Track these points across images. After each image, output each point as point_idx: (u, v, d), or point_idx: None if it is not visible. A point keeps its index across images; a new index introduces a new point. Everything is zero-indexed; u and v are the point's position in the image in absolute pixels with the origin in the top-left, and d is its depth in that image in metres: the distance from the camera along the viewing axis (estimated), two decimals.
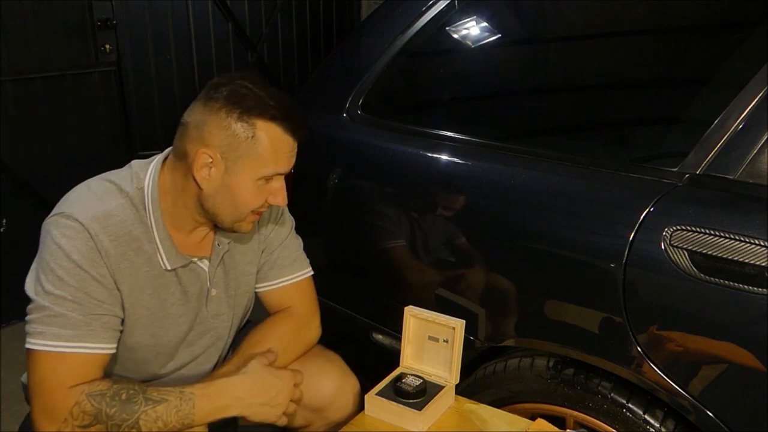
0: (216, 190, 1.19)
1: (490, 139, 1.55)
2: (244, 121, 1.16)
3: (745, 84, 1.22)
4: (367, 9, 4.19)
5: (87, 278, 1.14)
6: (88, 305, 1.15)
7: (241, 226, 1.25)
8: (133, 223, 1.20)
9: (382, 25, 1.81)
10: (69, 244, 1.14)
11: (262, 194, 1.22)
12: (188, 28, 3.29)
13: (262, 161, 1.18)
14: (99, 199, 1.19)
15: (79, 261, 1.13)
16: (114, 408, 1.13)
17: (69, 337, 1.13)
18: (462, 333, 1.36)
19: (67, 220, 1.15)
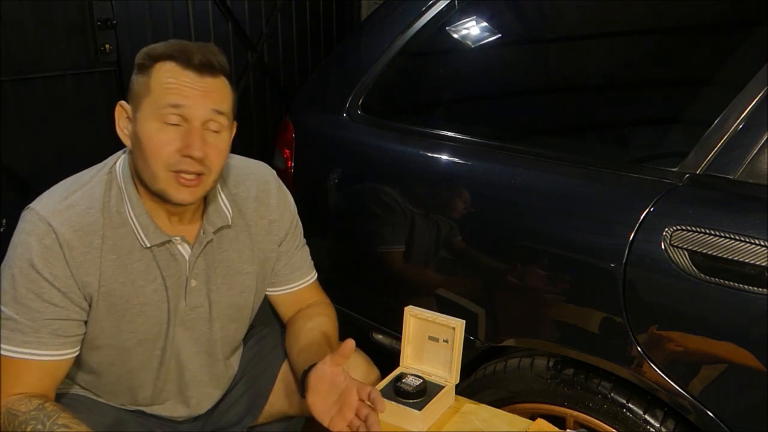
0: (133, 144, 1.15)
1: (490, 139, 1.55)
2: (145, 65, 1.15)
3: (745, 84, 1.22)
4: (367, 9, 4.19)
5: (39, 279, 1.11)
6: (39, 309, 1.11)
7: (166, 189, 1.13)
8: (102, 208, 1.16)
9: (382, 25, 1.81)
10: (27, 241, 1.12)
11: (169, 140, 1.11)
12: (188, 28, 3.28)
13: (156, 95, 1.12)
14: (65, 191, 1.18)
15: (33, 261, 1.11)
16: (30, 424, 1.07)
17: (17, 342, 1.11)
18: (462, 333, 1.36)
19: (29, 215, 1.15)
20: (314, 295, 1.48)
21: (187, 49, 1.12)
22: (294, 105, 1.96)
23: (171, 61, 1.12)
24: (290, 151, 1.82)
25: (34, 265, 1.11)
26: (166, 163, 1.11)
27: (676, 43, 1.54)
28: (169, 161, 1.11)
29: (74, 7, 2.84)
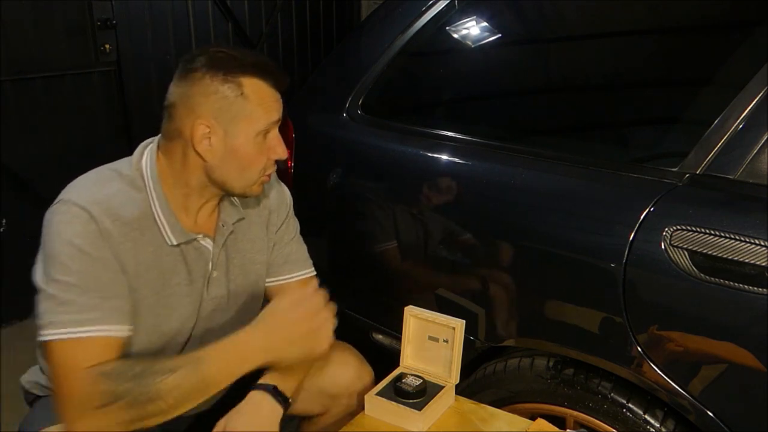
0: (221, 158, 1.20)
1: (490, 139, 1.55)
2: (230, 81, 1.17)
3: (745, 84, 1.22)
4: (367, 9, 4.20)
5: (91, 262, 1.13)
6: (96, 289, 1.13)
7: (252, 189, 1.25)
8: (135, 204, 1.19)
9: (382, 25, 1.81)
10: (70, 229, 1.12)
11: (263, 151, 1.23)
12: (188, 28, 3.29)
13: (256, 116, 1.19)
14: (98, 184, 1.19)
15: (81, 245, 1.12)
16: (128, 383, 1.09)
17: (80, 322, 1.12)
18: (462, 333, 1.36)
19: (66, 206, 1.14)
20: None
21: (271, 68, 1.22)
22: (294, 105, 1.96)
23: (260, 78, 1.20)
24: (290, 151, 1.82)
25: (83, 249, 1.12)
26: (264, 169, 1.24)
27: (676, 43, 1.54)
28: (266, 166, 1.24)
29: (74, 7, 2.84)
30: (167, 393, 1.09)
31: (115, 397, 1.08)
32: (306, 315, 1.16)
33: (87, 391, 1.09)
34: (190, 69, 1.18)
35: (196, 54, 1.20)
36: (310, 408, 1.45)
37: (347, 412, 1.43)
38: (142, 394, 1.08)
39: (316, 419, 1.47)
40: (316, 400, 1.43)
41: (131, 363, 1.12)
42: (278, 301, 1.18)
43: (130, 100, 3.09)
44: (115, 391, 1.08)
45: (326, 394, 1.42)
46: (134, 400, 1.08)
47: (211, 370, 1.11)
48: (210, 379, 1.12)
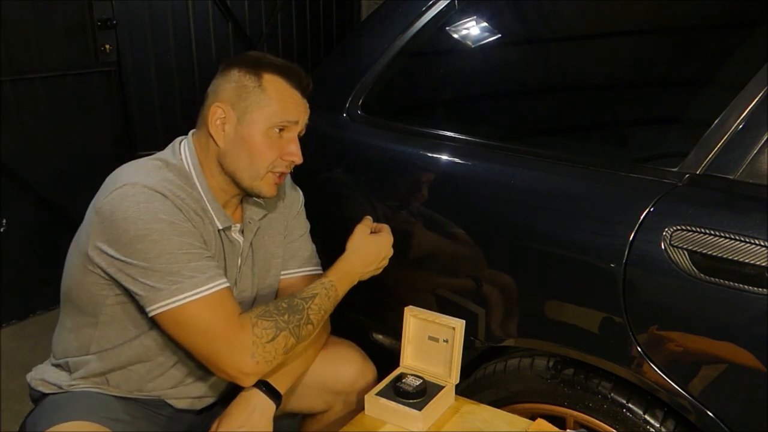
0: (231, 143, 1.26)
1: (490, 139, 1.55)
2: (251, 72, 1.26)
3: (745, 84, 1.22)
4: (367, 9, 4.20)
5: (182, 232, 1.18)
6: (197, 253, 1.19)
7: (261, 186, 1.29)
8: (186, 189, 1.25)
9: (382, 25, 1.81)
10: (151, 207, 1.16)
11: (275, 147, 1.27)
12: (188, 28, 3.29)
13: (271, 109, 1.26)
14: (152, 171, 1.23)
15: (168, 219, 1.17)
16: (285, 314, 1.23)
17: (204, 281, 1.18)
18: (462, 333, 1.36)
19: (137, 188, 1.17)
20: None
21: (294, 70, 1.30)
22: None
23: (281, 77, 1.28)
24: None
25: (173, 223, 1.18)
26: (271, 165, 1.28)
27: (676, 43, 1.54)
28: (274, 163, 1.28)
29: (74, 7, 2.84)
30: (314, 314, 1.28)
31: (279, 329, 1.22)
32: (379, 243, 1.40)
33: (253, 333, 1.19)
34: (225, 67, 1.29)
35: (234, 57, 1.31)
36: (313, 405, 1.46)
37: (350, 409, 1.44)
38: (299, 320, 1.25)
39: (320, 416, 1.48)
40: (319, 397, 1.44)
41: (275, 302, 1.26)
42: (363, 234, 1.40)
43: (130, 100, 3.09)
44: (277, 324, 1.22)
45: (330, 390, 1.44)
46: (295, 327, 1.24)
47: (337, 291, 1.33)
48: (338, 296, 1.34)
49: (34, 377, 1.36)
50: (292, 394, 1.43)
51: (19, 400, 2.17)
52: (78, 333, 1.31)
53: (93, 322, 1.28)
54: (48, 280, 2.83)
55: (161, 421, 1.36)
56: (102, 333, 1.28)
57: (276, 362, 1.23)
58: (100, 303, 1.25)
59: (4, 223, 2.76)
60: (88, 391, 1.30)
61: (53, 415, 1.24)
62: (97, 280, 1.23)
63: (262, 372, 1.22)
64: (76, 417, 1.22)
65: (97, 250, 1.19)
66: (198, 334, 1.18)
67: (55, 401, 1.29)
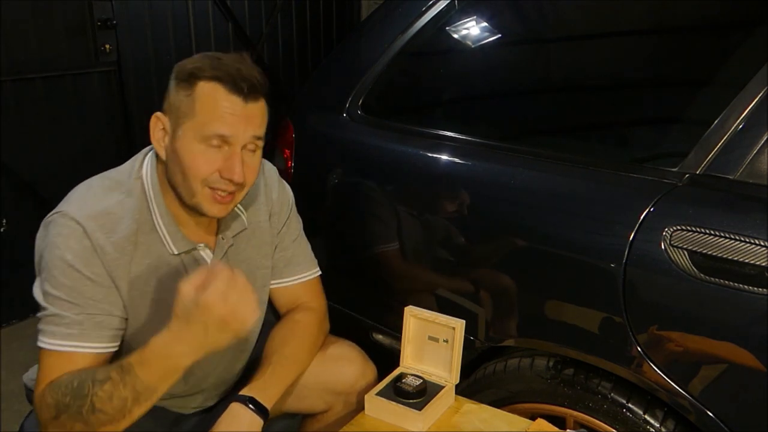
0: (169, 157, 1.18)
1: (490, 139, 1.55)
2: (185, 80, 1.15)
3: (745, 84, 1.22)
4: (367, 9, 4.19)
5: (80, 278, 1.14)
6: (83, 305, 1.15)
7: (201, 204, 1.17)
8: (134, 215, 1.19)
9: (382, 25, 1.81)
10: (64, 243, 1.14)
11: (209, 161, 1.14)
12: (188, 28, 3.29)
13: (201, 119, 1.13)
14: (97, 197, 1.19)
15: (72, 261, 1.13)
16: (68, 396, 1.09)
17: (63, 335, 1.14)
18: (462, 333, 1.36)
19: (63, 219, 1.15)
20: (307, 295, 1.47)
21: (234, 73, 1.13)
22: (294, 105, 1.96)
23: (218, 83, 1.13)
24: (290, 151, 1.82)
25: (73, 266, 1.13)
26: (205, 181, 1.15)
27: (676, 43, 1.54)
28: (208, 179, 1.15)
29: (74, 7, 2.84)
30: (103, 404, 1.07)
31: (59, 410, 1.09)
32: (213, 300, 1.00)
33: (42, 404, 1.12)
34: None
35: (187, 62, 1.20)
36: (313, 405, 1.46)
37: (351, 409, 1.44)
38: (82, 405, 1.07)
39: (320, 416, 1.48)
40: (319, 397, 1.44)
41: (75, 374, 1.11)
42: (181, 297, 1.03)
43: (130, 100, 3.09)
44: (59, 404, 1.09)
45: (330, 391, 1.43)
46: (76, 412, 1.07)
47: (141, 378, 1.06)
48: (141, 387, 1.07)
49: (30, 378, 1.35)
50: (291, 395, 1.42)
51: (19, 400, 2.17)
52: None
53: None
54: None
55: (163, 422, 1.36)
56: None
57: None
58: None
59: (4, 223, 2.76)
60: None
61: None
62: None
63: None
64: None
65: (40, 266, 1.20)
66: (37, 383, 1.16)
67: None
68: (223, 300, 1.00)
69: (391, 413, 1.33)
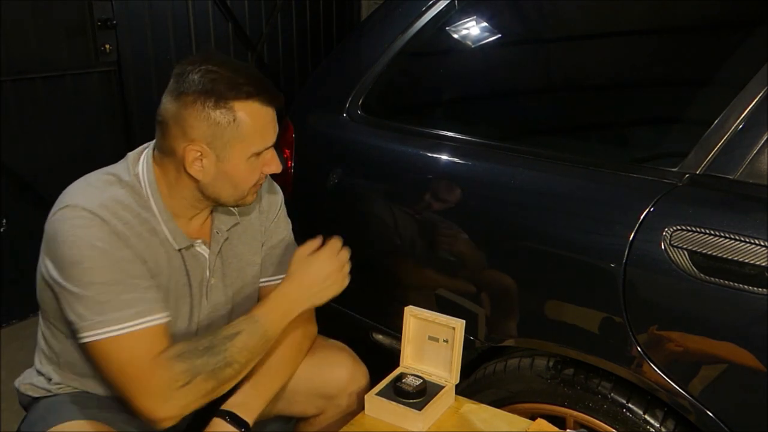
0: (213, 177, 1.21)
1: (490, 139, 1.55)
2: (221, 107, 1.15)
3: (745, 84, 1.22)
4: (367, 9, 4.19)
5: (117, 261, 1.14)
6: (130, 284, 1.15)
7: (245, 201, 1.28)
8: (137, 209, 1.20)
9: (382, 25, 1.81)
10: (86, 233, 1.13)
11: (256, 169, 1.24)
12: (188, 28, 3.29)
13: (250, 140, 1.19)
14: (100, 190, 1.19)
15: (103, 246, 1.13)
16: (203, 356, 1.16)
17: (131, 316, 1.13)
18: (462, 333, 1.36)
19: (74, 212, 1.14)
20: None
21: (263, 86, 1.20)
22: (294, 105, 1.96)
23: (254, 101, 1.18)
24: (290, 151, 1.82)
25: (106, 251, 1.13)
26: (254, 184, 1.26)
27: (676, 43, 1.54)
28: (258, 180, 1.26)
29: (74, 7, 2.84)
30: (238, 354, 1.18)
31: (194, 373, 1.14)
32: (319, 262, 1.28)
33: (167, 376, 1.13)
34: (182, 91, 1.17)
35: (188, 70, 1.17)
36: (305, 409, 1.45)
37: (343, 412, 1.42)
38: (218, 362, 1.16)
39: (313, 420, 1.47)
40: (311, 402, 1.43)
41: (194, 340, 1.19)
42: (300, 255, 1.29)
43: (130, 100, 3.09)
44: (193, 368, 1.14)
45: (321, 395, 1.42)
46: (213, 370, 1.16)
47: (267, 326, 1.23)
48: (268, 333, 1.23)
49: (22, 382, 1.35)
50: (281, 400, 1.41)
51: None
52: (48, 342, 1.30)
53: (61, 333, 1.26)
54: None
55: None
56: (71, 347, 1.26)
57: (194, 406, 1.16)
58: (57, 315, 1.23)
59: (4, 223, 2.75)
60: (78, 392, 1.30)
61: (48, 417, 1.24)
62: (50, 293, 1.20)
63: (178, 416, 1.15)
64: (72, 417, 1.22)
65: (45, 266, 1.18)
66: (115, 371, 1.14)
67: (49, 404, 1.28)
68: (332, 260, 1.29)
69: (391, 413, 1.33)
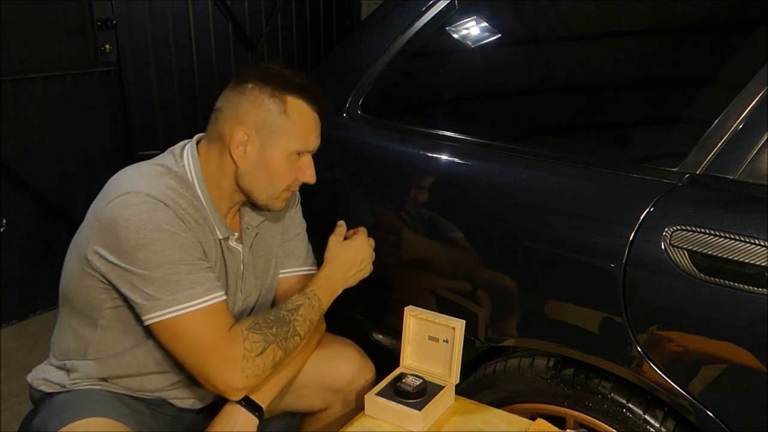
0: (252, 165, 1.26)
1: (490, 139, 1.55)
2: (276, 96, 1.24)
3: (745, 84, 1.22)
4: (367, 9, 4.19)
5: (184, 242, 1.18)
6: (197, 264, 1.20)
7: (275, 203, 1.32)
8: (189, 197, 1.24)
9: (382, 25, 1.81)
10: (153, 216, 1.16)
11: (293, 170, 1.29)
12: (188, 28, 3.28)
13: (294, 136, 1.26)
14: (155, 178, 1.23)
15: (170, 228, 1.17)
16: (273, 326, 1.24)
17: (201, 293, 1.18)
18: (462, 333, 1.36)
19: (137, 198, 1.17)
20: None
21: (316, 91, 1.29)
22: None
23: (305, 101, 1.27)
24: None
25: (175, 233, 1.18)
26: (288, 185, 1.31)
27: (676, 43, 1.54)
28: (291, 185, 1.32)
29: (74, 7, 2.84)
30: (300, 326, 1.29)
31: (267, 342, 1.23)
32: (355, 247, 1.42)
33: (242, 346, 1.20)
34: (241, 80, 1.26)
35: (249, 68, 1.28)
36: (312, 404, 1.46)
37: (349, 407, 1.44)
38: (286, 332, 1.26)
39: (319, 414, 1.49)
40: (318, 396, 1.44)
41: (261, 314, 1.27)
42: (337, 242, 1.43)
43: (130, 100, 3.09)
44: (265, 337, 1.23)
45: (328, 389, 1.44)
46: (282, 339, 1.25)
47: (321, 300, 1.34)
48: (322, 307, 1.35)
49: (35, 377, 1.36)
50: (289, 394, 1.43)
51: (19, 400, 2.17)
52: (76, 334, 1.31)
53: (91, 324, 1.28)
54: (48, 280, 2.83)
55: (166, 419, 1.37)
56: (100, 337, 1.28)
57: (264, 375, 1.23)
58: (99, 307, 1.25)
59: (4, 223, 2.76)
60: (93, 389, 1.30)
61: (64, 414, 1.24)
62: (95, 284, 1.23)
63: (250, 386, 1.23)
64: (88, 414, 1.23)
65: (96, 255, 1.19)
66: (191, 346, 1.19)
67: (63, 400, 1.29)
68: (365, 246, 1.44)
69: (391, 413, 1.33)
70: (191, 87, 3.27)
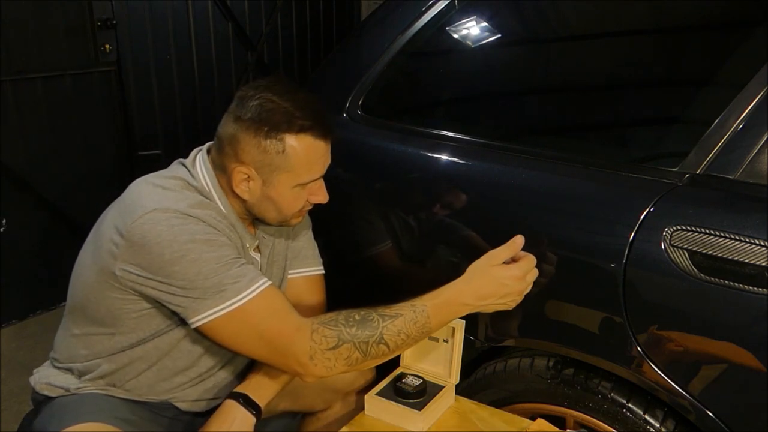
0: (258, 199, 1.26)
1: (490, 139, 1.55)
2: (273, 137, 1.20)
3: (745, 84, 1.22)
4: (367, 9, 4.20)
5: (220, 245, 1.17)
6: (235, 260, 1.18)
7: (289, 222, 1.32)
8: (212, 211, 1.24)
9: (382, 25, 1.81)
10: (186, 229, 1.15)
11: (302, 197, 1.27)
12: (188, 28, 3.29)
13: (296, 172, 1.23)
14: (178, 192, 1.22)
15: (203, 237, 1.16)
16: (354, 326, 1.18)
17: (246, 284, 1.17)
18: (462, 333, 1.36)
19: (166, 213, 1.16)
20: (309, 290, 1.48)
21: (318, 120, 1.22)
22: None
23: (306, 134, 1.21)
24: None
25: (208, 240, 1.17)
26: (300, 208, 1.29)
27: (676, 43, 1.54)
28: (303, 207, 1.30)
29: (74, 7, 2.84)
30: (391, 336, 1.19)
31: (342, 340, 1.17)
32: (503, 276, 1.21)
33: (310, 336, 1.16)
34: (239, 115, 1.21)
35: (249, 95, 1.22)
36: (312, 403, 1.46)
37: (350, 407, 1.45)
38: (369, 336, 1.18)
39: (319, 414, 1.49)
40: (318, 396, 1.45)
41: (347, 312, 1.21)
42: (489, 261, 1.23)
43: (130, 100, 3.09)
44: (340, 334, 1.17)
45: (329, 389, 1.44)
46: (362, 342, 1.17)
47: (429, 319, 1.21)
48: (429, 326, 1.22)
49: (38, 381, 1.35)
50: (289, 393, 1.43)
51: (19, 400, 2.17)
52: (87, 341, 1.30)
53: (108, 332, 1.27)
54: (48, 280, 2.83)
55: (164, 422, 1.36)
56: (116, 344, 1.28)
57: (337, 371, 1.18)
58: (121, 316, 1.24)
59: (4, 223, 2.75)
60: (95, 393, 1.30)
61: (63, 417, 1.24)
62: (121, 296, 1.21)
63: (320, 375, 1.18)
64: (87, 418, 1.22)
65: (126, 271, 1.17)
66: (253, 336, 1.17)
67: (64, 403, 1.29)
68: (523, 278, 1.22)
69: (391, 413, 1.33)
70: (191, 87, 3.27)
